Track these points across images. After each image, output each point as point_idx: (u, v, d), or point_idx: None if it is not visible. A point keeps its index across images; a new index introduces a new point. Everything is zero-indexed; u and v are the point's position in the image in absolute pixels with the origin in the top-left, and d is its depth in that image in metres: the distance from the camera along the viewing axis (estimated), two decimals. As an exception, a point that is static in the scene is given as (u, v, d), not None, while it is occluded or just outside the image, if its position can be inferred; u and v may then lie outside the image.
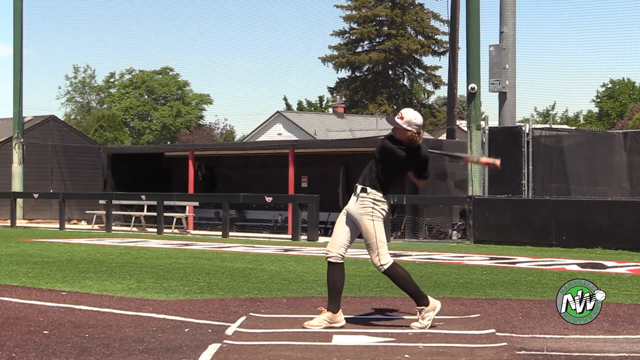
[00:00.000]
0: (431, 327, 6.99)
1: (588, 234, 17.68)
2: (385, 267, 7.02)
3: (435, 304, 7.07)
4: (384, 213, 7.06)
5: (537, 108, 62.32)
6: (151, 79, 69.95)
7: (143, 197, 25.24)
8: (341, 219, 7.15)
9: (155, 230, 24.05)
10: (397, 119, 7.03)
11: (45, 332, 6.91)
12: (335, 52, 59.16)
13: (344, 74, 59.56)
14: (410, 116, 7.02)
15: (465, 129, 21.79)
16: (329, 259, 7.07)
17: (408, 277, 7.06)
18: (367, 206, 7.00)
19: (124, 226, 26.68)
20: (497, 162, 7.69)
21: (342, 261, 7.07)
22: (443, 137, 36.90)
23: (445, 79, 49.27)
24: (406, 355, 5.90)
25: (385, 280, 10.85)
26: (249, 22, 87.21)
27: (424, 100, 62.01)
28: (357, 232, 7.11)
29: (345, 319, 7.50)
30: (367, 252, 7.11)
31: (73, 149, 32.98)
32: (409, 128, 6.97)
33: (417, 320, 7.03)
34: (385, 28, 58.43)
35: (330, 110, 59.11)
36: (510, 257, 15.31)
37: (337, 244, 7.07)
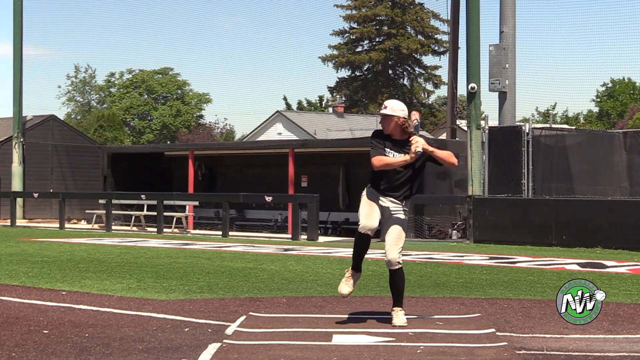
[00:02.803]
0: (431, 327, 7.01)
1: (588, 234, 17.67)
2: (401, 262, 7.29)
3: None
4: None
5: (538, 108, 62.35)
6: (151, 79, 69.96)
7: (143, 196, 25.24)
8: (374, 205, 7.23)
9: (155, 229, 24.05)
10: (382, 110, 7.30)
11: (45, 331, 6.91)
12: (335, 52, 59.13)
13: (344, 73, 59.59)
14: (392, 104, 7.31)
15: (465, 128, 21.78)
16: (367, 232, 7.17)
17: None
18: (407, 206, 7.32)
19: (124, 226, 26.67)
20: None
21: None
22: (443, 136, 36.88)
23: (445, 78, 49.29)
24: (406, 355, 5.90)
25: (385, 279, 10.85)
26: (248, 21, 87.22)
27: (424, 99, 61.99)
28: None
29: (345, 318, 7.53)
30: (389, 247, 7.18)
31: (73, 149, 32.98)
32: (394, 113, 7.20)
33: (396, 317, 7.13)
34: (385, 27, 58.40)
35: (330, 109, 59.10)
36: (510, 256, 15.30)
37: (373, 221, 7.19)
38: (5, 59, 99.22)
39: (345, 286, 7.30)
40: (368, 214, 7.19)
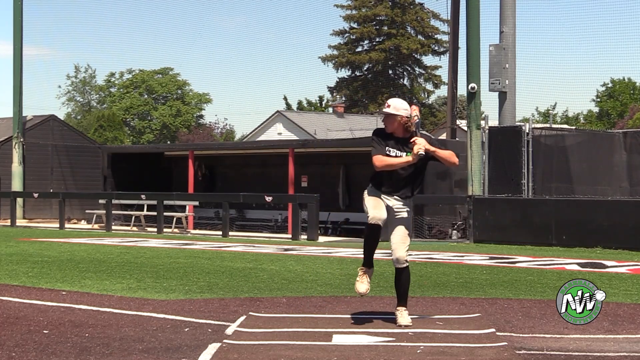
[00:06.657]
0: (431, 327, 7.00)
1: (588, 234, 17.67)
2: (408, 261, 7.38)
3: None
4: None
5: (538, 108, 62.33)
6: (151, 79, 69.95)
7: (143, 196, 25.24)
8: (379, 199, 7.22)
9: (155, 229, 24.05)
10: (384, 109, 7.25)
11: (45, 331, 6.91)
12: (335, 52, 59.13)
13: (344, 73, 59.59)
14: (396, 102, 7.28)
15: (465, 128, 21.77)
16: (378, 222, 7.10)
17: None
18: (409, 204, 7.41)
19: (124, 226, 26.67)
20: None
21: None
22: (443, 136, 36.88)
23: (445, 78, 49.28)
24: (406, 355, 5.90)
25: (385, 279, 10.86)
26: (248, 21, 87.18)
27: (424, 99, 61.98)
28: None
29: (345, 318, 7.53)
30: (397, 246, 7.25)
31: (73, 149, 32.97)
32: (397, 113, 7.17)
33: (401, 317, 7.16)
34: (385, 27, 58.40)
35: (330, 109, 59.10)
36: (510, 256, 15.31)
37: (382, 212, 7.16)
38: (5, 59, 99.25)
39: (362, 284, 7.26)
40: (376, 206, 7.16)
